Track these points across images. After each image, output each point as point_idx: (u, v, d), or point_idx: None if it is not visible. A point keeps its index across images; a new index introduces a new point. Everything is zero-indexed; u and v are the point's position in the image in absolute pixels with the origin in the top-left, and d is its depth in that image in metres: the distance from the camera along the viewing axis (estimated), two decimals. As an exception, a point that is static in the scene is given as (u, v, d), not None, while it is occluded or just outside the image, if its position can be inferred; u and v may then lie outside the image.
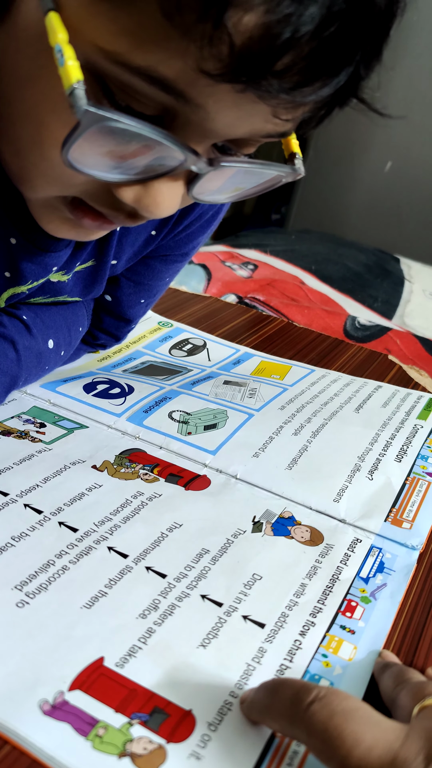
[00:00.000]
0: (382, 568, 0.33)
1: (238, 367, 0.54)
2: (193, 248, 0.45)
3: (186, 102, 0.21)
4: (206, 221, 0.43)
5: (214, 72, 0.19)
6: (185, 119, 0.22)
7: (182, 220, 0.41)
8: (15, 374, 0.39)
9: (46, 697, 0.24)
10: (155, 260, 0.45)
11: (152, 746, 0.22)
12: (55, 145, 0.22)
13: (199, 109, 0.21)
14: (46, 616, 0.27)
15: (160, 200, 0.24)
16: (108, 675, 0.25)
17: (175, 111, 0.22)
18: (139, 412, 0.44)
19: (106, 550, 0.31)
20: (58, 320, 0.43)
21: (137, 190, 0.24)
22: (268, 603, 0.29)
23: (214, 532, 0.33)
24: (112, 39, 0.19)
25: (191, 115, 0.22)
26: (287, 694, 0.22)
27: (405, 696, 0.23)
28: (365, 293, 0.93)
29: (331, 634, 0.28)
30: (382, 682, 0.26)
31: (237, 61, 0.19)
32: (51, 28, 0.20)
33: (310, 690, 0.21)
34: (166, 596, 0.29)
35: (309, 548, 0.33)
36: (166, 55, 0.19)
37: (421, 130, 1.52)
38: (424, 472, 0.42)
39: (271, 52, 0.19)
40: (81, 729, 0.23)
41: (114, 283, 0.45)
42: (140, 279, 0.45)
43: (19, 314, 0.40)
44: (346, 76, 0.21)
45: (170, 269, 0.46)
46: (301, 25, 0.18)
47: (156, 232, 0.42)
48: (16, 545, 0.30)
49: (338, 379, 0.53)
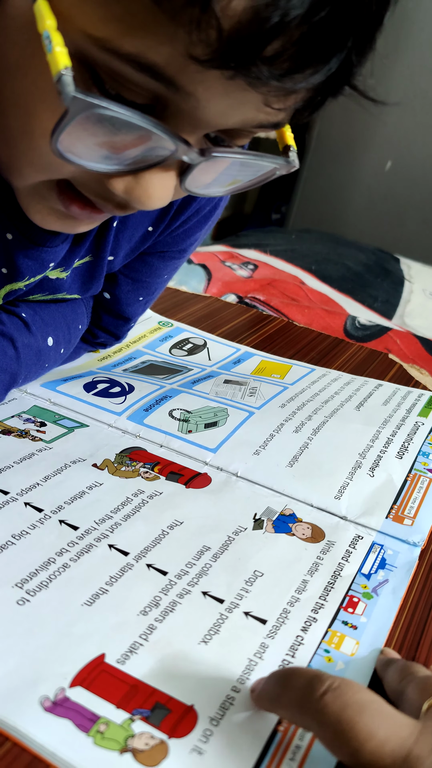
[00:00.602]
0: (383, 565, 0.33)
1: (238, 366, 0.54)
2: (191, 245, 0.45)
3: (176, 90, 0.21)
4: (203, 217, 0.43)
5: (203, 57, 0.19)
6: (176, 108, 0.22)
7: (179, 215, 0.41)
8: (14, 372, 0.39)
9: (47, 694, 0.23)
10: (153, 257, 0.44)
11: (154, 741, 0.22)
12: (45, 134, 0.22)
13: (190, 97, 0.21)
14: (46, 614, 0.27)
15: (152, 191, 0.24)
16: (109, 671, 0.25)
17: (166, 100, 0.21)
18: (140, 410, 0.44)
19: (107, 547, 0.31)
20: (58, 318, 0.42)
21: (128, 181, 0.24)
22: (270, 599, 0.29)
23: (215, 530, 0.33)
24: (100, 25, 0.19)
25: (182, 104, 0.21)
26: (300, 683, 0.21)
27: (413, 690, 0.23)
28: (365, 293, 0.93)
29: (333, 630, 0.28)
30: (387, 677, 0.26)
31: (225, 46, 0.19)
32: (39, 14, 0.20)
33: (324, 680, 0.21)
34: (167, 593, 0.29)
35: (310, 545, 0.33)
36: (155, 41, 0.19)
37: (421, 129, 1.53)
38: (426, 469, 0.42)
39: (259, 37, 0.19)
40: (82, 725, 0.23)
41: (112, 280, 0.45)
42: (138, 276, 0.45)
43: (18, 312, 0.40)
44: (337, 62, 0.21)
45: (168, 266, 0.46)
46: (290, 9, 0.18)
47: (153, 228, 0.41)
48: (16, 543, 0.30)
49: (339, 378, 0.53)
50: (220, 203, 0.43)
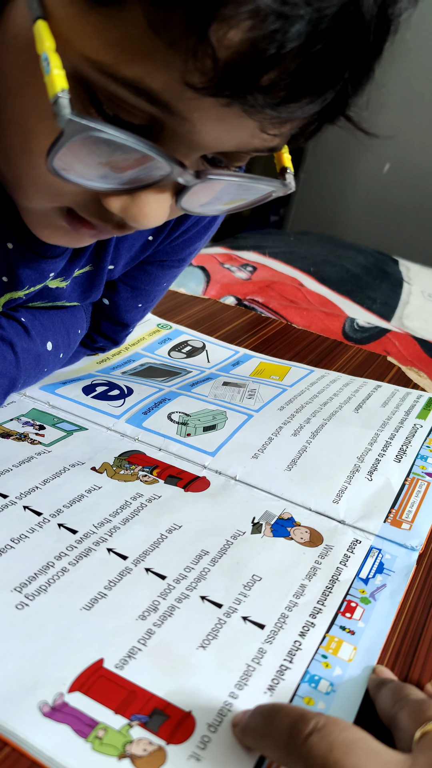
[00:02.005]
0: (381, 569, 0.33)
1: (237, 368, 0.54)
2: (190, 254, 0.45)
3: (172, 114, 0.21)
4: (203, 227, 0.43)
5: (199, 85, 0.19)
6: (172, 131, 0.22)
7: (179, 226, 0.41)
8: (13, 376, 0.39)
9: (46, 699, 0.23)
10: (152, 265, 0.45)
11: (152, 747, 0.22)
12: (43, 153, 0.22)
13: (185, 121, 0.21)
14: (45, 618, 0.27)
15: (147, 211, 0.24)
16: (107, 676, 0.25)
17: (163, 122, 0.22)
18: (139, 413, 0.44)
19: (106, 551, 0.31)
20: (57, 323, 0.43)
21: (124, 200, 0.24)
22: (268, 604, 0.29)
23: (213, 534, 0.33)
24: (99, 50, 0.20)
25: (178, 127, 0.22)
26: (284, 724, 0.21)
27: (405, 717, 0.23)
28: (364, 295, 0.93)
29: (330, 635, 0.28)
30: (380, 700, 0.25)
31: (221, 75, 0.19)
32: (39, 35, 0.20)
33: (308, 720, 0.20)
34: (166, 597, 0.29)
35: (308, 549, 0.33)
36: (153, 67, 0.19)
37: (419, 132, 1.53)
38: (424, 473, 0.42)
39: (255, 67, 0.19)
40: (81, 730, 0.23)
41: (111, 287, 0.46)
42: (137, 284, 0.46)
43: (17, 316, 0.40)
44: (333, 93, 0.21)
45: (167, 274, 0.46)
46: (286, 41, 0.18)
47: (153, 237, 0.42)
48: (15, 547, 0.30)
49: (337, 379, 0.53)
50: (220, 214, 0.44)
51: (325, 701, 0.25)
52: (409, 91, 1.49)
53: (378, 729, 0.24)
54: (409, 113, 1.51)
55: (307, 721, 0.20)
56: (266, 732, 0.21)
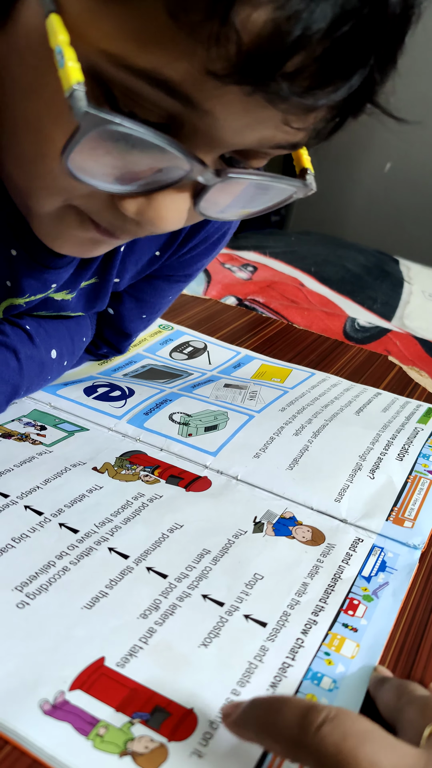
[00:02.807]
0: (384, 567, 0.33)
1: (238, 370, 0.54)
2: (197, 270, 0.45)
3: (192, 107, 0.20)
4: (212, 244, 0.43)
5: (222, 72, 0.18)
6: (192, 127, 0.21)
7: (187, 242, 0.41)
8: (16, 383, 0.39)
9: (47, 697, 0.23)
10: (159, 279, 0.45)
11: (153, 745, 0.22)
12: (57, 156, 0.21)
13: (206, 114, 0.20)
14: (46, 617, 0.27)
15: (164, 213, 0.23)
16: (109, 675, 0.25)
17: (182, 119, 0.21)
18: (140, 414, 0.44)
19: (107, 551, 0.31)
20: (62, 330, 0.42)
21: (140, 202, 0.23)
22: (270, 602, 0.29)
23: (215, 533, 0.33)
24: (115, 41, 0.19)
25: (198, 123, 0.21)
26: (293, 714, 0.20)
27: (412, 712, 0.22)
28: (365, 295, 0.93)
29: (333, 632, 0.28)
30: (382, 697, 0.25)
31: (245, 60, 0.18)
32: (52, 29, 0.19)
33: (320, 710, 0.20)
34: (167, 596, 0.29)
35: (310, 548, 0.33)
36: (172, 56, 0.19)
37: (420, 131, 1.53)
38: (426, 471, 0.42)
39: (280, 51, 0.18)
40: (82, 728, 0.23)
41: (117, 298, 0.45)
42: (143, 296, 0.45)
43: (22, 324, 0.40)
44: (360, 79, 0.20)
45: (173, 288, 0.46)
46: (312, 22, 0.17)
47: (160, 252, 0.41)
48: (16, 546, 0.30)
49: (338, 384, 0.53)
50: (229, 231, 0.43)
51: (327, 698, 0.25)
52: (411, 91, 1.49)
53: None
54: (411, 112, 1.51)
55: (319, 712, 0.20)
56: (270, 723, 0.21)
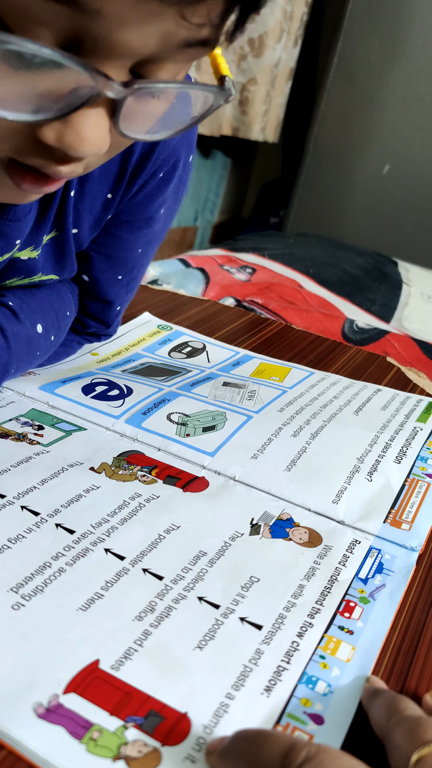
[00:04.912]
0: (381, 569, 0.33)
1: (237, 368, 0.54)
2: (156, 211, 0.44)
3: (81, 11, 0.19)
4: (162, 179, 0.42)
5: None
6: (92, 39, 0.20)
7: (135, 178, 0.40)
8: (6, 361, 0.39)
9: (41, 701, 0.23)
10: (119, 228, 0.44)
11: (147, 749, 0.22)
12: None
13: (98, 17, 0.19)
14: (41, 619, 0.27)
15: (84, 134, 0.22)
16: (103, 678, 0.24)
17: (79, 34, 0.20)
18: (138, 414, 0.44)
19: (103, 552, 0.31)
20: (45, 305, 0.42)
21: (58, 127, 0.22)
22: (266, 604, 0.29)
23: (211, 535, 0.33)
24: None
25: (94, 29, 0.20)
26: (275, 752, 0.20)
27: (401, 736, 0.22)
28: (363, 296, 0.93)
29: (329, 635, 0.28)
30: (373, 712, 0.24)
31: None
32: None
33: (300, 749, 0.20)
34: (163, 598, 0.29)
35: (307, 550, 0.33)
36: None
37: (419, 133, 1.53)
38: (424, 474, 0.41)
39: None
40: (75, 732, 0.22)
41: (86, 260, 0.45)
42: (110, 252, 0.45)
43: (4, 301, 0.40)
44: None
45: (138, 237, 0.45)
46: None
47: (111, 195, 0.41)
48: (12, 547, 0.30)
49: (337, 382, 0.53)
50: (178, 164, 0.42)
51: (322, 702, 0.25)
52: (409, 92, 1.50)
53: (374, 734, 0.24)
54: (409, 114, 1.51)
55: (299, 750, 0.20)
56: (253, 759, 0.21)
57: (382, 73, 1.50)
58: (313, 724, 0.24)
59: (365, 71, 1.50)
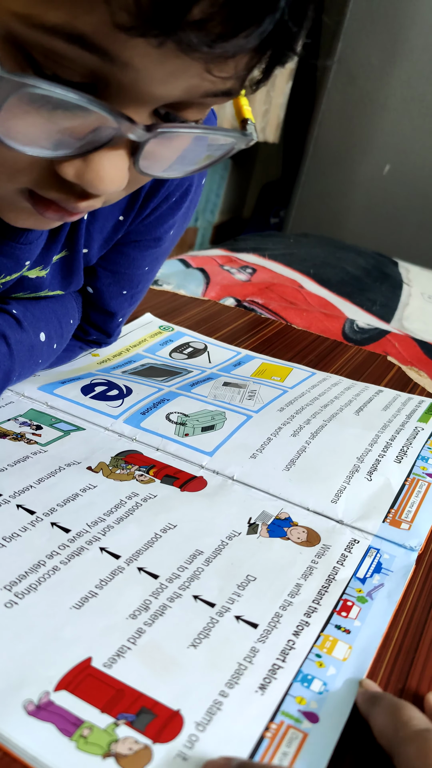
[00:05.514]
0: (379, 569, 0.32)
1: (238, 368, 0.54)
2: (165, 233, 0.44)
3: (111, 61, 0.19)
4: (174, 203, 0.42)
5: (127, 25, 0.18)
6: (117, 84, 0.21)
7: (148, 202, 0.41)
8: (8, 369, 0.39)
9: (31, 698, 0.23)
10: (127, 247, 0.44)
11: (138, 746, 0.22)
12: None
13: (126, 67, 0.20)
14: (34, 617, 0.26)
15: (103, 173, 0.23)
16: (95, 675, 0.24)
17: (105, 76, 0.20)
18: (137, 414, 0.44)
19: (98, 550, 0.31)
20: (48, 313, 0.42)
21: (78, 164, 0.23)
22: (262, 603, 0.29)
23: (208, 534, 0.33)
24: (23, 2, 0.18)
25: (121, 77, 0.20)
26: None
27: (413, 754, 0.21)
28: (364, 297, 0.93)
29: (325, 634, 0.28)
30: (376, 720, 0.23)
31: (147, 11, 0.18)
32: None
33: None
34: (158, 597, 0.28)
35: (305, 549, 0.33)
36: (79, 9, 0.18)
37: (419, 133, 1.53)
38: (424, 473, 0.41)
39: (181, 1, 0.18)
40: (65, 729, 0.22)
41: (92, 274, 0.45)
42: (116, 268, 0.45)
43: (8, 309, 0.40)
44: (271, 24, 0.19)
45: (145, 256, 0.45)
46: None
47: (123, 217, 0.41)
48: (7, 545, 0.30)
49: (339, 383, 0.53)
50: (191, 189, 0.42)
51: (317, 701, 0.25)
52: (410, 92, 1.50)
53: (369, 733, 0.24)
54: (410, 114, 1.51)
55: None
56: None
57: (383, 73, 1.50)
58: (307, 722, 0.24)
59: (366, 71, 1.50)
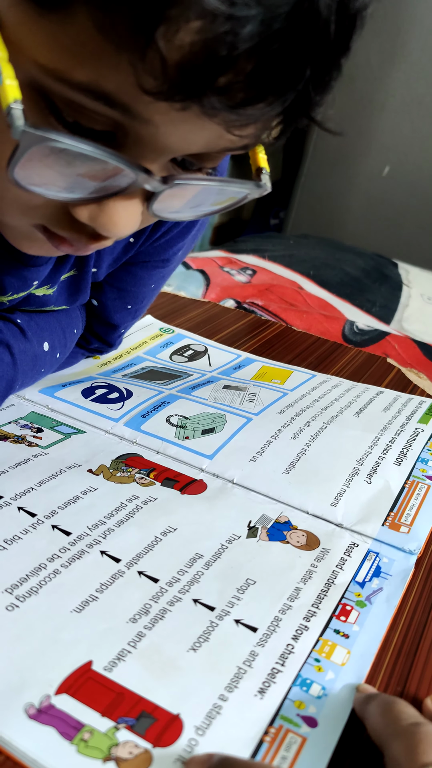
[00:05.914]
0: (378, 573, 0.33)
1: (239, 371, 0.54)
2: (174, 254, 0.45)
3: (133, 117, 0.20)
4: (185, 227, 0.43)
5: (152, 90, 0.19)
6: (136, 135, 0.21)
7: (159, 226, 0.41)
8: (11, 378, 0.39)
9: (32, 701, 0.23)
10: (136, 267, 0.44)
11: (138, 750, 0.22)
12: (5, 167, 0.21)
13: (147, 124, 0.20)
14: (35, 620, 0.27)
15: (116, 219, 0.23)
16: (95, 679, 0.24)
17: (125, 128, 0.21)
18: (137, 416, 0.44)
19: (99, 554, 0.31)
20: (53, 323, 0.43)
21: (92, 208, 0.23)
22: (261, 607, 0.29)
23: (208, 537, 0.33)
24: (51, 56, 0.19)
25: (141, 131, 0.21)
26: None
27: (400, 750, 0.21)
28: (363, 298, 0.93)
29: (324, 639, 0.28)
30: (369, 717, 0.24)
31: (173, 78, 0.18)
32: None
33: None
34: (158, 600, 0.29)
35: (304, 553, 0.33)
36: (106, 70, 0.19)
37: (419, 134, 1.53)
38: (424, 476, 0.41)
39: (208, 70, 0.18)
40: (66, 733, 0.22)
41: (98, 288, 0.45)
42: (123, 285, 0.45)
43: (13, 318, 0.40)
44: (293, 94, 0.20)
45: (152, 275, 0.45)
46: (238, 43, 0.17)
47: (134, 239, 0.41)
48: (7, 548, 0.30)
49: (339, 385, 0.53)
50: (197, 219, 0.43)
51: (316, 705, 0.25)
52: (409, 94, 1.50)
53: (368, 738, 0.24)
54: (409, 116, 1.51)
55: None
56: None
57: (382, 74, 1.50)
58: (306, 726, 0.24)
59: (365, 73, 1.50)
